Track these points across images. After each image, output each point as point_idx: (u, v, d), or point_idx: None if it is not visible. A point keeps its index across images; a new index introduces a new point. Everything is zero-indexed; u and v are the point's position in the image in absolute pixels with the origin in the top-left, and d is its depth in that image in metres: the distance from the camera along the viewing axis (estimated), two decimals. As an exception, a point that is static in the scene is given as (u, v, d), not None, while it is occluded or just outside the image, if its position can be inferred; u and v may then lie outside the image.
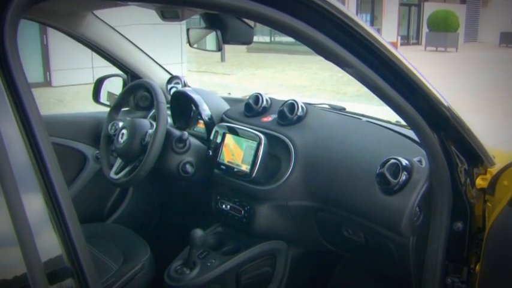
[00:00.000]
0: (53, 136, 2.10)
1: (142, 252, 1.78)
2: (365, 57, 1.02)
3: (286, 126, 1.70)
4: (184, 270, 1.66)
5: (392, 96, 1.09)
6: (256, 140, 1.63)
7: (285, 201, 1.63)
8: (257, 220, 1.69)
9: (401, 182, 1.32)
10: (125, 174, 1.81)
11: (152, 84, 1.80)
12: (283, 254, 1.75)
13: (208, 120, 1.90)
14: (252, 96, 1.87)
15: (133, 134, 1.79)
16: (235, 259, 1.69)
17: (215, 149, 1.75)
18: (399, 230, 1.32)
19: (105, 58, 2.11)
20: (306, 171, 1.59)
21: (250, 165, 1.63)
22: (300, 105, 1.71)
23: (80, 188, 2.15)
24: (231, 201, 1.78)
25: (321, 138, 1.63)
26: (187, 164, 1.79)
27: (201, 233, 1.62)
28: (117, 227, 2.02)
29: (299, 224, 1.68)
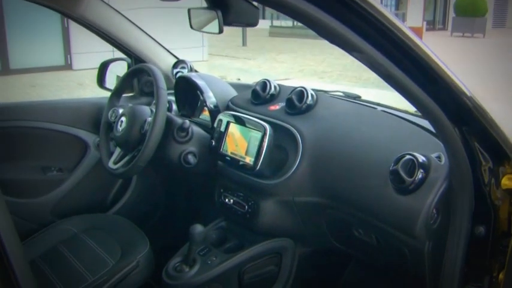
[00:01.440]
0: (53, 123, 2.01)
1: (141, 247, 1.69)
2: (375, 40, 0.89)
3: (294, 115, 1.57)
4: (183, 268, 1.56)
5: (406, 84, 0.96)
6: (261, 130, 1.50)
7: (291, 196, 1.51)
8: (261, 216, 1.58)
9: (417, 181, 1.19)
10: (124, 164, 1.72)
11: (152, 68, 1.69)
12: (290, 253, 1.63)
13: (213, 107, 1.78)
14: (260, 83, 1.74)
15: (132, 122, 1.69)
16: (238, 257, 1.58)
17: (218, 138, 1.64)
18: (414, 234, 1.20)
19: (107, 41, 2.01)
20: (314, 165, 1.46)
21: (254, 157, 1.51)
22: (310, 93, 1.58)
23: (80, 176, 2.07)
24: (235, 195, 1.67)
25: (331, 129, 1.50)
26: (189, 154, 1.69)
27: (200, 229, 1.52)
28: (118, 218, 1.93)
29: (306, 221, 1.56)
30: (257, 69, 11.23)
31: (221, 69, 11.21)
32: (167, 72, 2.13)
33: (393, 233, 1.27)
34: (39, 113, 2.01)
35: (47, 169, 2.06)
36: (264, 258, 1.62)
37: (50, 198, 2.04)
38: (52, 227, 1.89)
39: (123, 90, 1.89)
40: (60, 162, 2.08)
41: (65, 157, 2.08)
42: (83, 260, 1.69)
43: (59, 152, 2.07)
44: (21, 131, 1.99)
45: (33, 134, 2.01)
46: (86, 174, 2.08)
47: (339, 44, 0.91)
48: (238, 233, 1.69)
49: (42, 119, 2.00)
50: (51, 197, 2.04)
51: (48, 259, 1.73)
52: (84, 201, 2.09)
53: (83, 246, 1.76)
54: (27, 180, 2.02)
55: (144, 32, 2.09)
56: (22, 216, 1.99)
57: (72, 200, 2.07)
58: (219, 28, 1.35)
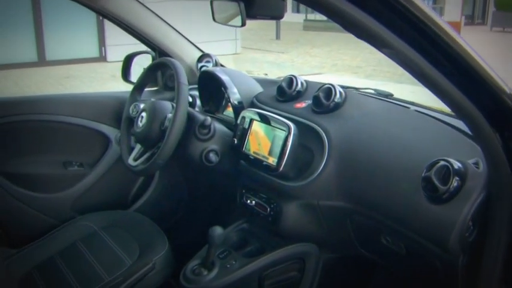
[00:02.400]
0: (75, 117, 1.98)
1: (159, 248, 1.63)
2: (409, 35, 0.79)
3: (321, 114, 1.48)
4: (201, 271, 1.50)
5: (441, 83, 0.87)
6: (285, 129, 1.42)
7: (315, 200, 1.42)
8: (284, 219, 1.49)
9: (452, 190, 1.08)
10: (143, 161, 1.66)
11: (174, 62, 1.62)
12: (314, 258, 1.55)
13: (237, 104, 1.71)
14: (286, 79, 1.66)
15: (152, 118, 1.63)
16: (259, 261, 1.51)
17: (241, 137, 1.56)
18: (447, 246, 1.10)
19: (130, 34, 1.96)
20: (341, 168, 1.37)
21: (278, 157, 1.43)
22: (338, 91, 1.48)
23: (101, 172, 2.03)
24: (257, 196, 1.59)
25: (360, 130, 1.41)
26: (211, 152, 1.62)
27: (220, 231, 1.45)
28: (138, 216, 1.88)
29: (331, 226, 1.47)
30: (290, 63, 11.13)
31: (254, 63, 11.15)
32: (192, 66, 2.07)
33: (424, 244, 1.17)
34: (61, 106, 1.97)
35: (68, 164, 2.03)
36: (286, 264, 1.54)
37: (71, 193, 2.01)
38: (72, 222, 1.86)
39: (145, 85, 1.83)
40: (82, 157, 2.05)
41: (87, 152, 2.04)
42: (101, 259, 1.65)
43: (81, 147, 2.03)
44: (42, 124, 1.95)
45: (55, 128, 1.97)
46: (108, 169, 2.04)
47: (367, 38, 0.82)
48: (259, 236, 1.62)
49: (64, 113, 1.97)
50: (72, 192, 2.01)
51: (66, 256, 1.69)
52: (105, 197, 2.05)
53: (101, 244, 1.72)
54: (48, 175, 1.99)
55: (169, 25, 2.03)
56: (42, 211, 1.97)
57: (93, 196, 2.03)
58: (241, 21, 1.28)
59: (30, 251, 1.74)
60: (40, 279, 1.61)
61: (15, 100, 2.02)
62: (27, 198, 1.95)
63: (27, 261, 1.68)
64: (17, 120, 1.91)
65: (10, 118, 1.91)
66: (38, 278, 1.61)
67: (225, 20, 1.40)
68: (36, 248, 1.75)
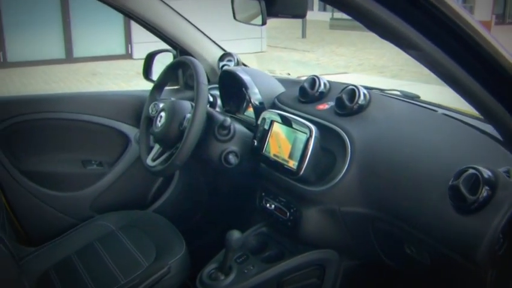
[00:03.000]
0: (95, 115, 1.96)
1: (176, 250, 1.60)
2: (437, 35, 0.74)
3: (344, 116, 1.42)
4: (218, 276, 1.46)
5: (471, 86, 0.81)
6: (307, 132, 1.37)
7: (337, 205, 1.36)
8: (304, 225, 1.44)
9: (481, 200, 1.02)
10: (162, 161, 1.63)
11: (193, 61, 1.59)
12: (334, 265, 1.50)
13: (258, 104, 1.67)
14: (308, 79, 1.61)
15: (171, 118, 1.60)
16: (278, 267, 1.46)
17: (261, 138, 1.52)
18: (475, 259, 1.03)
19: (151, 32, 1.94)
20: (364, 173, 1.31)
21: (298, 161, 1.38)
22: (362, 92, 1.42)
23: (121, 171, 2.01)
24: (276, 200, 1.54)
25: (385, 134, 1.35)
26: (230, 153, 1.58)
27: (238, 236, 1.41)
28: (156, 217, 1.86)
29: (353, 233, 1.41)
30: (315, 62, 11.05)
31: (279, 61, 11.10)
32: (213, 65, 2.04)
33: (450, 255, 1.11)
34: (81, 105, 1.96)
35: (87, 163, 2.01)
36: (306, 270, 1.49)
37: (89, 192, 1.99)
38: (90, 222, 1.84)
39: (165, 84, 1.80)
40: (101, 156, 2.03)
41: (106, 151, 2.03)
42: (117, 260, 1.63)
43: (100, 146, 2.02)
44: (62, 123, 1.94)
45: (75, 126, 1.96)
46: (127, 169, 2.02)
47: (392, 39, 0.77)
48: (278, 241, 1.57)
49: (84, 111, 1.96)
50: (91, 191, 1.99)
51: (83, 256, 1.68)
52: (124, 196, 2.03)
53: (118, 245, 1.70)
54: (67, 174, 1.98)
55: (191, 23, 2.00)
56: (61, 210, 1.96)
57: (112, 195, 2.01)
58: (262, 20, 1.24)
59: (48, 250, 1.73)
60: (57, 279, 1.59)
61: (35, 98, 2.02)
62: (46, 196, 1.94)
63: (45, 261, 1.68)
64: (37, 118, 1.91)
65: (30, 116, 1.90)
66: (54, 278, 1.60)
67: (246, 18, 1.36)
68: (54, 247, 1.74)
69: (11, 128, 1.89)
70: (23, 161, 1.94)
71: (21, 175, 1.91)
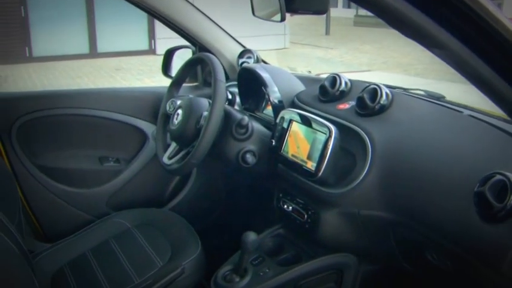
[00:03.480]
0: (113, 111, 1.95)
1: (191, 250, 1.58)
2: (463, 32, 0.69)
3: (365, 116, 1.37)
4: (233, 277, 1.43)
5: (499, 87, 0.76)
6: (326, 132, 1.33)
7: (356, 209, 1.32)
8: (322, 228, 1.40)
9: (509, 207, 0.96)
10: (178, 160, 1.60)
11: (211, 58, 1.56)
12: (352, 270, 1.45)
13: (277, 103, 1.63)
14: (329, 78, 1.56)
15: (188, 115, 1.57)
16: (294, 271, 1.42)
17: (279, 138, 1.48)
18: (500, 270, 0.98)
19: (170, 27, 1.92)
20: (385, 176, 1.26)
21: (317, 162, 1.34)
22: (384, 92, 1.37)
23: (137, 168, 1.99)
24: (294, 201, 1.50)
25: (407, 135, 1.29)
26: (248, 153, 1.55)
27: (254, 237, 1.37)
28: (172, 215, 1.83)
29: (372, 237, 1.37)
30: (339, 59, 10.95)
31: (302, 58, 11.03)
32: (233, 62, 2.01)
33: (475, 264, 1.06)
34: (99, 101, 1.95)
35: (104, 159, 2.00)
36: (323, 274, 1.45)
37: (106, 189, 1.98)
38: (106, 219, 1.83)
39: (183, 81, 1.77)
40: (118, 152, 2.02)
41: (123, 148, 2.01)
42: (132, 258, 1.61)
43: (117, 142, 2.00)
44: (79, 119, 1.93)
45: (92, 122, 1.95)
46: (144, 166, 2.00)
47: (416, 36, 0.73)
48: (296, 243, 1.54)
49: (101, 108, 1.94)
50: (107, 188, 1.98)
51: (98, 253, 1.67)
52: (141, 194, 2.01)
53: (133, 243, 1.68)
54: (84, 170, 1.97)
55: (210, 19, 1.97)
56: (77, 206, 1.95)
57: (128, 193, 2.00)
58: (281, 16, 1.20)
59: (64, 247, 1.72)
60: (71, 276, 1.58)
61: (53, 94, 2.01)
62: (63, 192, 1.93)
63: (60, 257, 1.67)
64: (55, 114, 1.90)
65: (49, 112, 1.90)
66: (69, 275, 1.59)
67: (265, 15, 1.33)
68: (70, 243, 1.73)
69: (29, 124, 1.88)
70: (40, 156, 1.93)
71: (39, 171, 1.90)
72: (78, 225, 1.87)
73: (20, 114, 1.86)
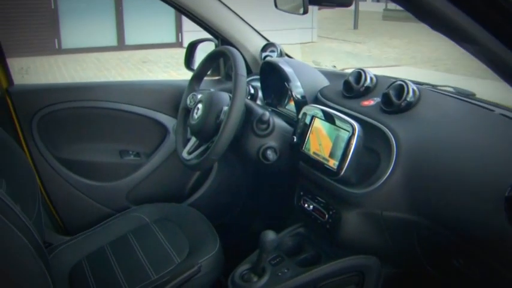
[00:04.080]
0: (134, 105, 1.93)
1: (209, 248, 1.55)
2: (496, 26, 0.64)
3: (391, 114, 1.32)
4: (251, 277, 1.39)
5: None
6: (349, 130, 1.28)
7: (379, 210, 1.27)
8: (343, 228, 1.35)
9: None
10: (197, 155, 1.57)
11: (232, 51, 1.52)
12: (374, 272, 1.40)
13: (300, 98, 1.58)
14: (354, 73, 1.50)
15: (208, 110, 1.54)
16: (314, 272, 1.38)
17: (301, 135, 1.43)
18: None
19: (192, 20, 1.88)
20: (410, 176, 1.21)
21: (339, 160, 1.29)
22: (411, 88, 1.31)
23: (158, 162, 1.97)
24: (315, 200, 1.46)
25: (434, 134, 1.23)
26: (268, 149, 1.51)
27: (273, 237, 1.34)
28: (192, 211, 1.81)
29: (395, 239, 1.31)
30: (367, 54, 10.81)
31: (329, 52, 10.92)
32: (256, 56, 1.97)
33: (504, 273, 1.00)
34: (120, 94, 1.93)
35: (125, 153, 1.99)
36: (344, 276, 1.40)
37: (126, 183, 1.97)
38: (125, 213, 1.82)
39: (204, 74, 1.74)
40: (138, 146, 2.00)
41: (144, 141, 1.99)
42: (149, 254, 1.59)
43: (138, 136, 1.99)
44: (100, 112, 1.92)
45: (113, 115, 1.94)
46: (164, 160, 1.98)
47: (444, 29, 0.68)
48: (316, 243, 1.49)
49: (122, 101, 1.93)
50: (127, 182, 1.97)
51: (116, 248, 1.65)
52: (160, 188, 1.99)
53: (151, 238, 1.66)
54: (104, 163, 1.96)
55: (233, 12, 1.93)
56: (97, 199, 1.94)
57: (148, 187, 1.98)
58: (303, 8, 1.16)
59: (83, 240, 1.71)
60: (88, 270, 1.57)
61: (74, 86, 2.01)
62: (83, 185, 1.93)
63: (78, 251, 1.66)
64: (76, 106, 1.89)
65: (69, 104, 1.89)
66: (86, 269, 1.58)
67: (288, 7, 1.29)
68: (89, 237, 1.73)
69: (50, 116, 1.88)
70: (60, 149, 1.93)
71: (59, 163, 1.90)
72: (98, 218, 1.86)
73: (41, 106, 1.86)
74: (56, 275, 1.55)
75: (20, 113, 1.84)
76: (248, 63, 1.96)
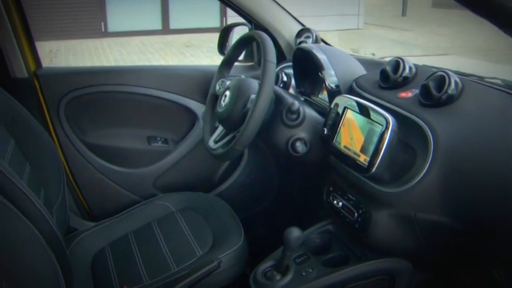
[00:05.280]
0: (163, 90, 1.88)
1: (233, 241, 1.49)
2: None
3: (430, 107, 1.20)
4: (274, 275, 1.33)
5: None
6: (383, 123, 1.18)
7: (412, 211, 1.17)
8: (373, 229, 1.26)
9: None
10: (223, 145, 1.51)
11: (262, 36, 1.43)
12: (406, 277, 1.31)
13: (333, 87, 1.49)
14: (391, 62, 1.39)
15: (235, 97, 1.46)
16: (341, 273, 1.30)
17: (332, 127, 1.34)
18: None
19: (225, 4, 1.80)
20: (448, 176, 1.10)
21: (371, 156, 1.19)
22: (454, 80, 1.20)
23: (186, 150, 1.92)
24: (344, 198, 1.37)
25: (477, 131, 1.12)
26: (298, 140, 1.42)
27: (297, 234, 1.26)
28: (218, 201, 1.75)
29: (429, 243, 1.21)
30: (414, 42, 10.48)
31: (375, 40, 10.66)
32: (290, 42, 1.88)
33: None
34: (150, 79, 1.88)
35: (152, 139, 1.94)
36: (373, 279, 1.31)
37: (153, 170, 1.93)
38: (151, 201, 1.78)
39: (234, 60, 1.66)
40: (167, 133, 1.95)
41: (172, 128, 1.94)
42: (172, 245, 1.55)
43: (166, 122, 1.94)
44: (129, 96, 1.88)
45: (142, 100, 1.89)
46: (193, 148, 1.93)
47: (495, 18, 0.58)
48: (344, 243, 1.41)
49: (151, 86, 1.88)
50: (154, 169, 1.93)
51: (139, 236, 1.62)
52: (188, 176, 1.94)
53: (175, 228, 1.62)
54: (131, 149, 1.93)
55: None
56: (123, 186, 1.91)
57: (176, 174, 1.94)
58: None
59: (107, 227, 1.69)
60: (111, 257, 1.55)
61: (102, 70, 1.98)
62: (110, 171, 1.90)
63: (102, 237, 1.64)
64: (103, 90, 1.86)
65: (97, 88, 1.86)
66: (108, 257, 1.55)
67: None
68: (113, 224, 1.70)
69: (78, 100, 1.85)
70: (88, 133, 1.90)
71: (86, 148, 1.87)
72: (124, 205, 1.84)
73: (69, 89, 1.83)
74: (79, 261, 1.53)
75: (48, 96, 1.81)
76: (282, 49, 1.88)
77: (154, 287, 1.39)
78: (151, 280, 1.42)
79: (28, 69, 1.78)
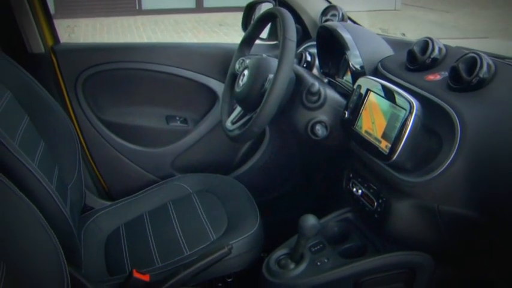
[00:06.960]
0: (183, 68, 1.83)
1: (248, 226, 1.44)
2: None
3: (459, 91, 1.11)
4: (288, 263, 1.28)
5: None
6: (406, 107, 1.10)
7: (435, 203, 1.09)
8: (393, 220, 1.19)
9: None
10: (240, 126, 1.45)
11: (282, 13, 1.35)
12: (427, 272, 1.23)
13: (358, 69, 1.40)
14: (420, 42, 1.30)
15: (254, 77, 1.40)
16: (357, 265, 1.23)
17: (353, 110, 1.27)
18: None
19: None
20: (475, 166, 1.02)
21: (392, 142, 1.11)
22: (486, 63, 1.10)
23: (205, 130, 1.87)
24: (364, 185, 1.30)
25: (509, 119, 1.03)
26: (318, 124, 1.35)
27: (313, 222, 1.20)
28: (236, 184, 1.70)
29: (454, 238, 1.13)
30: (453, 24, 10.14)
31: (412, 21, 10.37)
32: (315, 20, 1.79)
33: None
34: (169, 56, 1.83)
35: (171, 118, 1.90)
36: (391, 273, 1.24)
37: (172, 150, 1.89)
38: (168, 181, 1.74)
39: (255, 38, 1.59)
40: (186, 112, 1.90)
41: (192, 107, 1.89)
42: (186, 227, 1.51)
43: (186, 101, 1.89)
44: (148, 74, 1.83)
45: (160, 78, 1.84)
46: (212, 128, 1.88)
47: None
48: (363, 233, 1.34)
49: (170, 64, 1.82)
50: (173, 148, 1.89)
51: (154, 217, 1.59)
52: (207, 158, 1.90)
53: (191, 210, 1.58)
54: (150, 128, 1.89)
55: None
56: (141, 165, 1.88)
57: (194, 155, 1.89)
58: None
59: (123, 206, 1.67)
60: (124, 237, 1.52)
61: (121, 46, 1.92)
62: (127, 150, 1.87)
63: (118, 217, 1.62)
64: (122, 67, 1.82)
65: (116, 65, 1.81)
66: (122, 237, 1.52)
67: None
68: (130, 203, 1.68)
69: (96, 76, 1.81)
70: (105, 111, 1.87)
71: (103, 126, 1.84)
72: (141, 184, 1.81)
73: (87, 65, 1.79)
74: (93, 240, 1.51)
75: (65, 72, 1.78)
76: (307, 28, 1.80)
77: (164, 270, 1.36)
78: (162, 263, 1.39)
79: (45, 44, 1.74)
